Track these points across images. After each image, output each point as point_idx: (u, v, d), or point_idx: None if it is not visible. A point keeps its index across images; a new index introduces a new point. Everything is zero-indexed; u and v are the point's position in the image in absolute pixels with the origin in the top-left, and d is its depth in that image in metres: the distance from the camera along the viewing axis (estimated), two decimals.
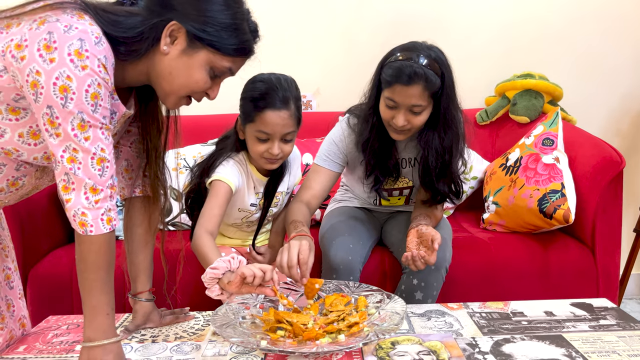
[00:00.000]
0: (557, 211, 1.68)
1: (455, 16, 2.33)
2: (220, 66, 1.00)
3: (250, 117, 1.34)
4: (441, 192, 1.49)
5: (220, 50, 0.98)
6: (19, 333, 1.20)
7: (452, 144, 1.45)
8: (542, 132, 1.93)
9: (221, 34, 0.97)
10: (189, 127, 2.18)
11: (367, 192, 1.63)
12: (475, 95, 2.36)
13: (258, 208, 1.50)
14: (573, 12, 2.33)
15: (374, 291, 1.22)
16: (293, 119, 1.34)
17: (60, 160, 0.89)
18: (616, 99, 2.41)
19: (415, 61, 1.32)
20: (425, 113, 1.39)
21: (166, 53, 0.97)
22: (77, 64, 0.86)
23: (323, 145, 1.56)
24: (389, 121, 1.41)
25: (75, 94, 0.86)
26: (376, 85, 1.44)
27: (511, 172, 1.91)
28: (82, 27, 0.87)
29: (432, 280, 1.47)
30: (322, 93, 2.37)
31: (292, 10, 2.31)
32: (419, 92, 1.33)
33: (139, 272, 1.23)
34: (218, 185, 1.37)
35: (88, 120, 0.89)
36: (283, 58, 2.31)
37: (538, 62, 2.33)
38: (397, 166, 1.55)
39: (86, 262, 0.95)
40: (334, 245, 1.50)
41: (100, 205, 0.92)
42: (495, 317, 1.22)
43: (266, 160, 1.38)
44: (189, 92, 1.02)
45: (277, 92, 1.31)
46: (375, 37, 2.28)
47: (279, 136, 1.33)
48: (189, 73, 0.98)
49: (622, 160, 1.72)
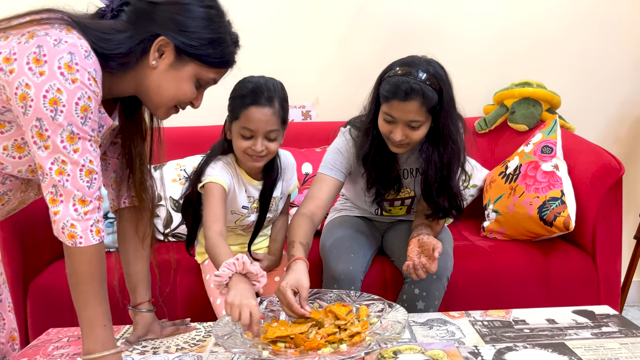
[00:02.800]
0: (557, 218, 1.68)
1: (452, 25, 2.34)
2: (206, 77, 1.03)
3: (236, 114, 1.37)
4: (442, 207, 1.48)
5: (207, 64, 1.01)
6: (7, 347, 1.19)
7: (452, 159, 1.44)
8: (540, 139, 1.93)
9: (207, 48, 0.99)
10: (189, 138, 2.19)
11: (368, 204, 1.63)
12: (474, 104, 2.37)
13: (250, 211, 1.50)
14: (570, 20, 2.35)
15: (375, 300, 1.21)
16: (277, 117, 1.36)
17: (49, 173, 0.90)
18: (614, 106, 2.42)
19: (413, 76, 1.32)
20: (423, 128, 1.38)
21: (155, 67, 0.99)
22: (68, 77, 0.86)
23: (328, 154, 1.55)
24: (387, 135, 1.41)
25: (65, 106, 0.87)
26: (375, 99, 1.44)
27: (511, 180, 1.92)
28: (71, 41, 0.88)
29: (433, 289, 1.47)
30: (321, 103, 2.37)
31: (290, 21, 2.32)
32: (416, 108, 1.33)
33: (136, 283, 1.23)
34: (211, 187, 1.39)
35: (77, 132, 0.89)
36: (281, 69, 2.32)
37: (536, 70, 2.35)
38: (398, 178, 1.55)
39: (78, 274, 0.94)
40: (335, 256, 1.50)
41: (90, 217, 0.92)
42: (497, 325, 1.21)
43: (250, 158, 1.39)
44: (177, 103, 1.04)
45: (262, 91, 1.34)
46: (374, 46, 2.30)
47: (262, 133, 1.36)
48: (177, 85, 1.01)
49: (621, 167, 1.72)
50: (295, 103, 2.33)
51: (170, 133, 2.20)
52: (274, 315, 1.20)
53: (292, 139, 2.16)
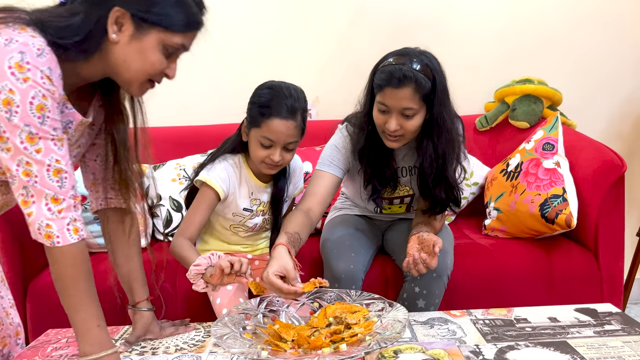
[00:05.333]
0: (559, 216, 1.67)
1: (453, 22, 2.33)
2: (172, 43, 0.98)
3: (257, 122, 1.35)
4: (439, 199, 1.47)
5: (170, 28, 0.96)
6: (12, 341, 1.19)
7: (446, 149, 1.43)
8: (542, 137, 1.92)
9: (167, 12, 0.95)
10: (190, 137, 2.19)
11: (365, 201, 1.62)
12: (475, 101, 2.36)
13: (255, 214, 1.50)
14: (571, 16, 2.33)
15: (375, 299, 1.21)
16: (298, 130, 1.35)
17: (17, 174, 0.89)
18: (616, 103, 2.41)
19: (407, 65, 1.33)
20: (417, 117, 1.38)
21: (116, 42, 0.95)
22: (19, 76, 0.85)
23: (325, 151, 1.55)
24: (382, 127, 1.41)
25: (20, 107, 0.85)
26: (370, 92, 1.44)
27: (512, 177, 1.91)
28: (22, 40, 0.86)
29: (434, 287, 1.46)
30: (321, 102, 2.37)
31: (289, 18, 2.31)
32: (409, 95, 1.33)
33: (131, 283, 1.23)
34: (205, 190, 1.40)
35: (36, 132, 0.88)
36: (281, 67, 2.32)
37: (537, 67, 2.33)
38: (393, 175, 1.54)
39: (64, 279, 0.94)
40: (336, 255, 1.49)
41: (65, 215, 0.91)
42: (498, 323, 1.21)
43: (266, 166, 1.39)
44: (148, 76, 1.00)
45: (285, 101, 1.32)
46: (374, 44, 2.28)
47: (282, 144, 1.35)
48: (143, 57, 0.96)
49: (624, 164, 1.71)
50: None
51: (170, 132, 2.22)
52: (274, 315, 1.19)
53: None
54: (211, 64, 2.27)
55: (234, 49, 2.30)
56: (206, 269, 1.19)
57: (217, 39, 2.50)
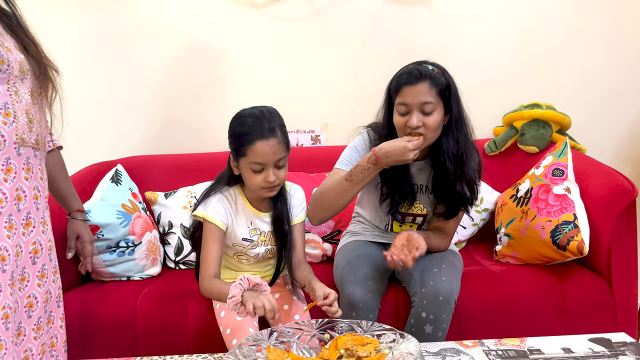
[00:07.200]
0: (571, 243, 1.66)
1: (460, 48, 2.35)
2: None
3: (242, 151, 1.39)
4: (459, 194, 1.53)
5: None
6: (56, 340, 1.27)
7: (466, 144, 1.52)
8: (551, 162, 1.92)
9: None
10: (200, 165, 2.21)
11: (383, 214, 1.66)
12: (484, 126, 2.36)
13: (256, 243, 1.51)
14: (578, 39, 2.35)
15: (386, 330, 1.20)
16: (282, 145, 1.40)
17: None
18: (625, 126, 2.40)
19: (422, 66, 1.47)
20: (436, 113, 1.45)
21: None
22: None
23: (345, 151, 1.63)
24: (403, 127, 1.47)
25: None
26: (387, 101, 1.53)
27: (522, 203, 1.90)
28: None
29: (441, 312, 1.45)
30: (330, 128, 2.39)
31: (297, 46, 2.35)
32: (426, 89, 1.43)
33: (62, 197, 1.49)
34: (209, 227, 1.44)
35: None
36: (291, 93, 2.35)
37: (545, 91, 2.34)
38: (412, 189, 1.59)
39: None
40: (353, 283, 1.49)
41: None
42: (512, 354, 1.19)
43: (266, 190, 1.43)
44: None
45: (262, 122, 1.38)
46: (381, 70, 2.29)
47: (272, 164, 1.39)
48: None
49: (635, 189, 1.70)
50: (305, 128, 2.34)
51: (180, 160, 2.24)
52: (284, 347, 1.19)
53: (301, 164, 2.17)
54: (221, 91, 2.30)
55: (244, 76, 2.34)
56: (242, 295, 1.24)
57: (229, 68, 2.54)
